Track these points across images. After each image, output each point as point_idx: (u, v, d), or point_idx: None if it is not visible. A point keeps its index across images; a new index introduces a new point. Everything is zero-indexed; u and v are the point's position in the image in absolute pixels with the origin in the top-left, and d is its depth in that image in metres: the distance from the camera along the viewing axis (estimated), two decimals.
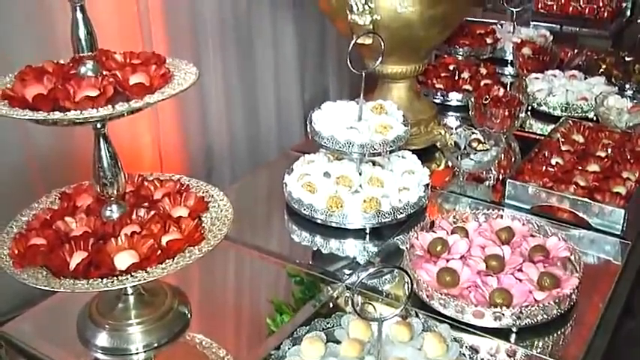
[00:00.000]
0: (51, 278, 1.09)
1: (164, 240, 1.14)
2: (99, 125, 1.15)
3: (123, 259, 1.09)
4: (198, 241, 1.16)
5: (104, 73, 1.15)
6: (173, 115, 2.40)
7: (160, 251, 1.11)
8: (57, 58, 1.22)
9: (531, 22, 3.15)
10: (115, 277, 1.08)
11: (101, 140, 1.17)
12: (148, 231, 1.15)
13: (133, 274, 1.08)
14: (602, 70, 2.36)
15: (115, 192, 1.19)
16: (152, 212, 1.20)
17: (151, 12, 2.21)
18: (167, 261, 1.11)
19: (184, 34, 2.37)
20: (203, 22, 2.44)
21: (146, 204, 1.24)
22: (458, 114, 2.15)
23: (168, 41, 2.29)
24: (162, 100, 1.10)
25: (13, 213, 1.25)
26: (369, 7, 1.61)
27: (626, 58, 2.45)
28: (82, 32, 1.12)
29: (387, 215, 1.51)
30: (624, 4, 3.44)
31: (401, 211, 1.53)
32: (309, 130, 1.56)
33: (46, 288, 1.06)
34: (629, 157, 1.76)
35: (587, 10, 3.20)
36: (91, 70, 1.15)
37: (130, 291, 1.22)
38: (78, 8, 1.11)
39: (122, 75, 1.14)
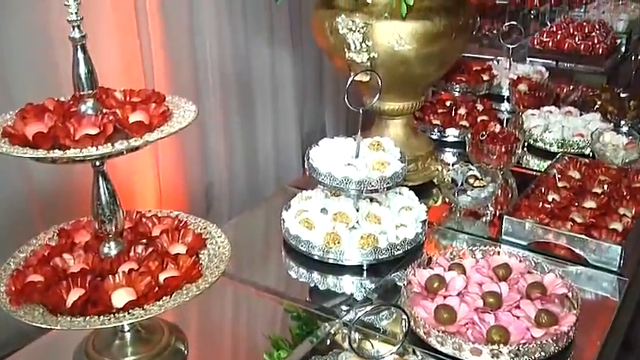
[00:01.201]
0: (48, 315, 1.09)
1: (161, 277, 1.14)
2: (98, 163, 1.16)
3: (120, 297, 1.10)
4: (196, 278, 1.16)
5: (104, 111, 1.16)
6: (173, 151, 2.41)
7: (157, 288, 1.12)
8: (58, 93, 1.24)
9: (527, 59, 3.19)
10: (112, 315, 1.08)
11: (100, 178, 1.18)
12: (146, 268, 1.15)
13: (130, 311, 1.08)
14: (597, 106, 2.38)
15: (114, 229, 1.20)
16: (150, 249, 1.21)
17: (153, 49, 2.23)
18: (164, 298, 1.11)
19: (185, 72, 2.39)
20: (204, 60, 2.46)
21: (144, 241, 1.25)
22: (455, 150, 2.16)
23: (170, 78, 2.31)
24: (162, 138, 1.12)
25: (12, 249, 1.26)
26: (367, 45, 1.63)
27: (622, 95, 2.46)
28: (82, 71, 1.14)
29: (384, 252, 1.52)
30: (619, 41, 3.48)
31: (398, 247, 1.53)
32: (306, 166, 1.57)
33: (43, 326, 1.06)
34: (625, 193, 1.76)
35: (582, 46, 3.23)
36: (91, 108, 1.16)
37: (126, 328, 1.22)
38: (79, 47, 1.13)
39: (122, 113, 1.15)
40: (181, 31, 2.33)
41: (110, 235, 1.21)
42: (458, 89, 2.50)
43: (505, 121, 2.42)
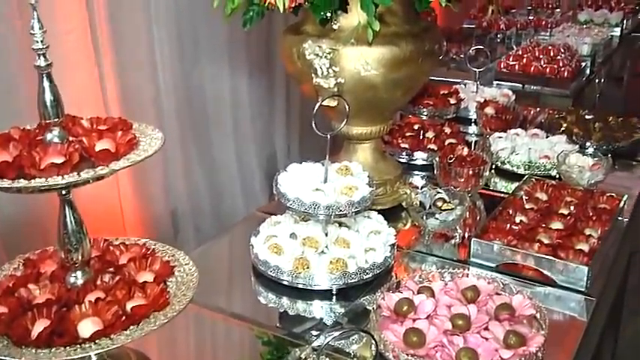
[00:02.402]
0: (12, 347, 1.08)
1: (129, 306, 1.14)
2: (64, 192, 1.15)
3: (86, 327, 1.09)
4: (164, 306, 1.15)
5: (71, 139, 1.16)
6: (136, 176, 2.39)
7: (124, 317, 1.11)
8: (20, 119, 1.23)
9: (494, 82, 3.22)
10: (79, 345, 1.07)
11: (66, 206, 1.17)
12: (113, 297, 1.14)
13: (96, 341, 1.07)
14: (563, 128, 2.41)
15: (80, 258, 1.19)
16: (117, 278, 1.20)
17: (107, 75, 2.22)
18: (132, 327, 1.11)
19: (145, 98, 2.38)
20: (164, 85, 2.45)
21: (111, 269, 1.24)
22: (424, 173, 2.17)
23: (128, 105, 2.30)
24: (128, 166, 1.11)
25: None
26: (334, 70, 1.65)
27: (587, 117, 2.50)
28: (48, 99, 1.13)
29: (353, 276, 1.52)
30: (583, 64, 3.53)
31: (367, 271, 1.54)
32: (274, 191, 1.57)
33: (7, 358, 1.05)
34: (591, 214, 1.79)
35: (548, 69, 3.27)
36: (57, 136, 1.15)
37: (93, 359, 1.21)
38: (45, 76, 1.13)
39: (88, 141, 1.15)
40: (138, 57, 2.32)
41: (77, 265, 1.20)
42: (425, 113, 2.52)
43: (473, 144, 2.44)
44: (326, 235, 1.57)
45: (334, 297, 1.53)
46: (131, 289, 1.17)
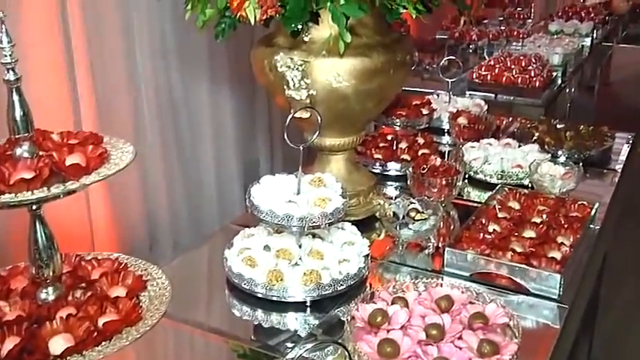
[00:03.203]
0: None
1: (101, 321, 1.13)
2: (34, 207, 1.14)
3: (57, 344, 1.08)
4: (136, 321, 1.15)
5: (41, 154, 1.15)
6: (113, 190, 2.38)
7: (96, 333, 1.10)
8: None
9: (467, 92, 3.25)
10: None
11: (37, 222, 1.16)
12: (85, 313, 1.14)
13: (68, 358, 1.07)
14: (535, 137, 2.42)
15: (51, 274, 1.18)
16: (89, 293, 1.19)
17: (79, 85, 2.21)
18: (104, 343, 1.10)
19: (123, 109, 2.37)
20: (141, 98, 2.45)
21: (83, 285, 1.23)
22: (397, 184, 2.18)
23: (106, 116, 2.29)
24: (99, 181, 1.11)
25: None
26: (306, 82, 1.65)
27: (558, 126, 2.52)
28: (18, 113, 1.13)
29: (327, 287, 1.52)
30: (555, 74, 3.57)
31: (341, 282, 1.54)
32: (247, 204, 1.57)
33: None
34: (563, 222, 1.80)
35: (520, 79, 3.30)
36: (27, 151, 1.15)
37: None
38: (14, 90, 1.12)
39: (59, 156, 1.14)
40: (117, 66, 2.31)
41: (48, 280, 1.19)
42: (398, 123, 2.52)
43: (446, 154, 2.45)
44: (300, 246, 1.56)
45: (308, 309, 1.52)
46: (103, 304, 1.17)
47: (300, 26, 1.58)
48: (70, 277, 1.25)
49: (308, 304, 1.52)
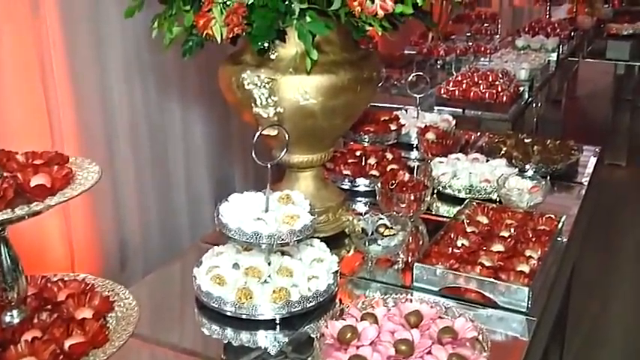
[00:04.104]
0: None
1: (67, 344, 1.12)
2: None
3: None
4: (103, 342, 1.14)
5: (5, 174, 1.14)
6: (85, 208, 2.37)
7: (62, 356, 1.09)
8: None
9: (435, 107, 3.27)
10: None
11: (1, 244, 1.15)
12: (50, 335, 1.12)
13: None
14: (503, 152, 2.45)
15: (16, 296, 1.17)
16: (55, 315, 1.18)
17: (60, 107, 2.20)
18: None
19: (95, 125, 2.36)
20: (113, 116, 2.44)
21: (49, 307, 1.22)
22: (366, 199, 2.18)
23: (78, 134, 2.28)
24: (64, 202, 1.10)
25: None
26: (273, 100, 1.66)
27: (525, 140, 2.55)
28: None
29: (296, 305, 1.52)
30: (522, 89, 3.61)
31: (310, 299, 1.54)
32: (216, 222, 1.57)
33: None
34: (531, 235, 1.82)
35: (487, 94, 3.33)
36: None
37: None
38: None
39: (23, 177, 1.13)
40: (90, 85, 2.30)
41: (12, 303, 1.17)
42: (367, 139, 2.53)
43: (415, 169, 2.46)
44: (269, 264, 1.56)
45: (278, 326, 1.52)
46: (69, 326, 1.15)
47: (266, 44, 1.58)
48: (36, 299, 1.24)
49: (277, 321, 1.52)
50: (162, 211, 2.74)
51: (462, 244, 1.78)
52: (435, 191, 2.19)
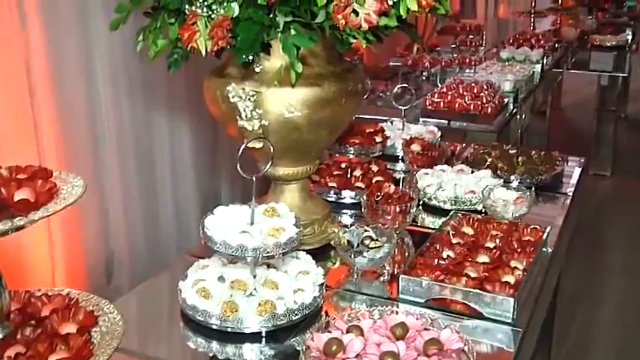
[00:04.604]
0: None
1: (51, 359, 1.11)
2: None
3: None
4: (87, 357, 1.14)
5: None
6: (71, 222, 2.36)
7: None
8: None
9: (420, 119, 3.28)
10: None
11: None
12: (34, 351, 1.12)
13: None
14: (488, 163, 2.46)
15: None
16: (38, 331, 1.17)
17: (46, 121, 2.19)
18: None
19: (81, 138, 2.35)
20: (102, 128, 2.43)
21: (33, 322, 1.21)
22: (352, 211, 2.18)
23: (65, 147, 2.27)
24: (47, 216, 1.10)
25: None
26: (257, 113, 1.66)
27: (510, 151, 2.56)
28: None
29: (282, 317, 1.51)
30: (506, 100, 3.63)
31: (296, 312, 1.53)
32: (201, 235, 1.56)
33: None
34: (516, 246, 1.82)
35: (472, 106, 3.35)
36: None
37: None
38: None
39: (7, 191, 1.13)
40: (76, 99, 2.30)
41: None
42: (352, 151, 2.53)
43: (400, 181, 2.47)
44: (254, 277, 1.56)
45: (264, 339, 1.52)
46: (53, 341, 1.15)
47: (251, 57, 1.59)
48: (20, 315, 1.23)
49: (263, 334, 1.52)
50: (148, 223, 2.74)
51: (448, 256, 1.79)
52: (421, 203, 2.20)
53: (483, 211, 2.10)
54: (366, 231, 1.79)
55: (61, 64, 2.22)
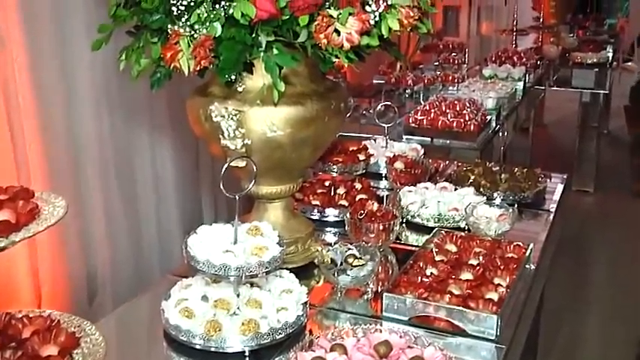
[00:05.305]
0: None
1: None
2: None
3: None
4: None
5: None
6: (52, 242, 2.34)
7: None
8: None
9: (403, 136, 3.29)
10: None
11: None
12: None
13: None
14: (471, 180, 2.46)
15: None
16: (19, 353, 1.16)
17: (27, 141, 2.19)
18: None
19: (63, 158, 2.35)
20: (81, 149, 2.43)
21: (13, 344, 1.20)
22: (336, 229, 2.18)
23: (46, 167, 2.26)
24: (29, 237, 1.09)
25: None
26: (240, 132, 1.66)
27: (493, 168, 2.57)
28: None
29: (265, 336, 1.51)
30: (489, 117, 3.65)
31: (280, 331, 1.53)
32: (184, 254, 1.56)
33: None
34: (499, 263, 1.83)
35: (455, 123, 3.36)
36: None
37: None
38: None
39: None
40: (57, 119, 2.30)
41: None
42: (335, 170, 2.53)
43: (384, 199, 2.47)
44: (238, 296, 1.56)
45: (247, 358, 1.51)
46: None
47: (234, 76, 1.59)
48: (0, 337, 1.22)
49: (247, 353, 1.51)
50: (131, 243, 2.73)
51: (431, 273, 1.79)
52: (404, 220, 2.20)
53: (466, 228, 2.11)
54: (349, 249, 1.80)
55: (42, 83, 2.21)
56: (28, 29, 2.14)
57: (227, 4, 1.52)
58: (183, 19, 1.55)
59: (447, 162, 2.85)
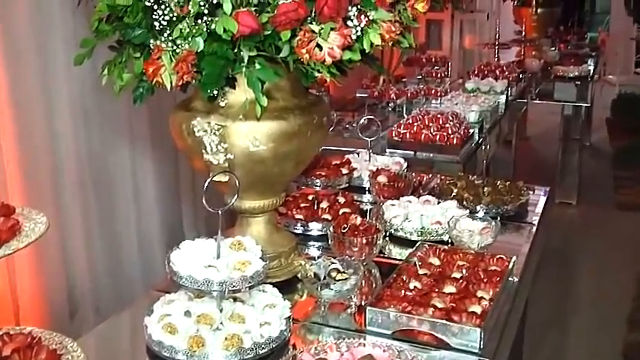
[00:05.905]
0: None
1: None
2: None
3: None
4: None
5: None
6: (32, 258, 2.33)
7: None
8: None
9: (387, 150, 3.30)
10: None
11: None
12: None
13: None
14: (454, 194, 2.47)
15: None
16: None
17: (5, 157, 2.18)
18: None
19: (42, 173, 2.34)
20: (61, 161, 2.42)
21: None
22: (319, 243, 2.18)
23: (25, 181, 2.25)
24: (10, 254, 1.09)
25: None
26: (223, 146, 1.66)
27: (476, 182, 2.58)
28: None
29: (249, 351, 1.51)
30: (472, 131, 3.66)
31: (263, 346, 1.53)
32: (167, 269, 1.56)
33: None
34: (482, 276, 1.84)
35: (438, 137, 3.37)
36: None
37: None
38: None
39: None
40: (36, 135, 2.29)
41: None
42: (319, 184, 2.53)
43: (367, 213, 2.47)
44: (221, 311, 1.55)
45: None
46: None
47: (216, 91, 1.59)
48: None
49: None
50: (112, 259, 2.72)
51: (415, 287, 1.79)
52: (387, 234, 2.20)
53: (450, 241, 2.12)
54: (332, 263, 1.80)
55: (21, 99, 2.21)
56: (6, 46, 2.14)
57: (209, 19, 1.53)
58: (165, 34, 1.55)
59: (430, 175, 2.85)
